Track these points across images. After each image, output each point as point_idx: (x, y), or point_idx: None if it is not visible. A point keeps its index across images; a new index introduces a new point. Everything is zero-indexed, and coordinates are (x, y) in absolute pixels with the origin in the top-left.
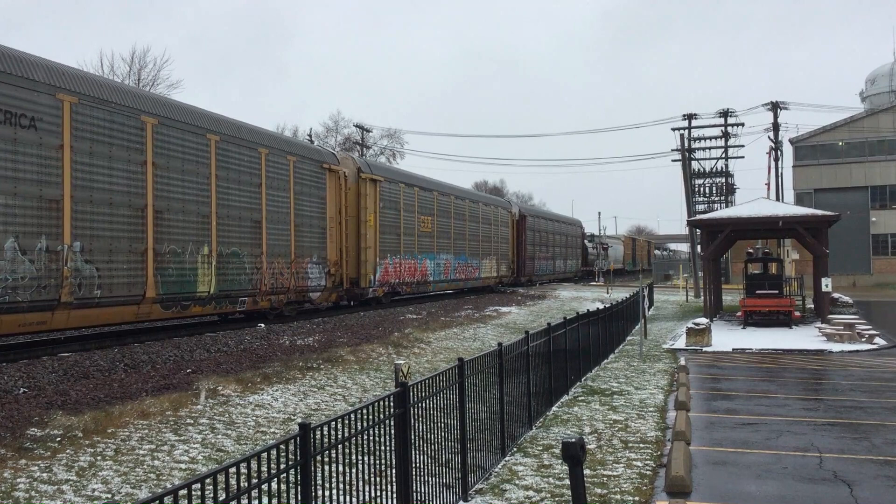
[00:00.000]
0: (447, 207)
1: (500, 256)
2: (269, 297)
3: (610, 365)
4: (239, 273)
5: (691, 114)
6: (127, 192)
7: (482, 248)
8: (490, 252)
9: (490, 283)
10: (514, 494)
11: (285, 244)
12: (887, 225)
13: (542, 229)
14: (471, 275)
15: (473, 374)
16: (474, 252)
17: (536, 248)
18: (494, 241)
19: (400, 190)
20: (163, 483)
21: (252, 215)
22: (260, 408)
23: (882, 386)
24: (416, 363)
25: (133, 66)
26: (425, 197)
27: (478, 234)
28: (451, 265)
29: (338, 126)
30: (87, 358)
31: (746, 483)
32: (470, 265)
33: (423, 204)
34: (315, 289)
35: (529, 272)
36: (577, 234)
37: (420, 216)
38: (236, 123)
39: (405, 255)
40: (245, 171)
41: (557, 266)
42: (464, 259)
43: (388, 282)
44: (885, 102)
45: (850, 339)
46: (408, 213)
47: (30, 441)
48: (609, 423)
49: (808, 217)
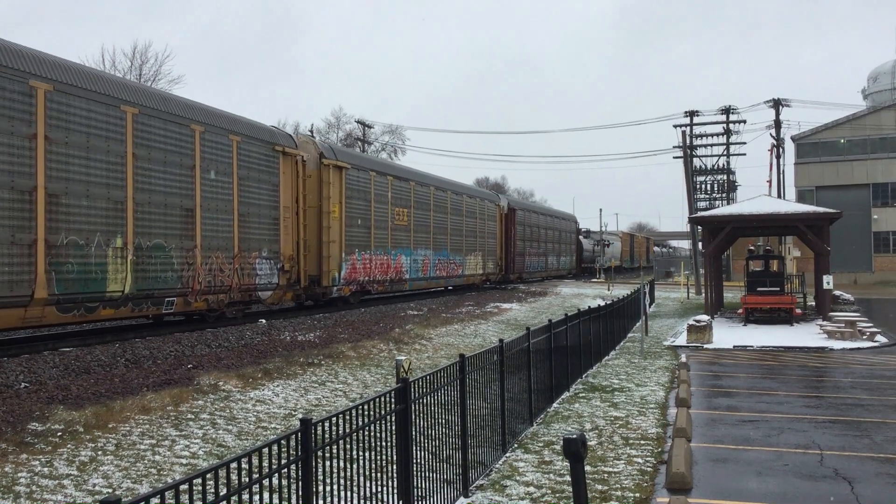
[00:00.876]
0: (426, 199)
1: (486, 253)
2: (205, 296)
3: (611, 362)
4: (164, 269)
5: (693, 111)
6: (9, 170)
7: (466, 244)
8: (475, 248)
9: (475, 282)
10: (514, 490)
11: (226, 236)
12: (889, 222)
13: (533, 224)
14: (453, 272)
15: (474, 370)
16: (457, 248)
17: (527, 243)
18: (480, 237)
19: (370, 179)
20: (164, 478)
21: (183, 202)
22: (261, 403)
23: (883, 383)
24: (417, 359)
25: (134, 62)
26: (400, 187)
27: (461, 228)
28: (430, 262)
29: (339, 122)
30: (89, 353)
31: (747, 480)
32: (452, 262)
33: (399, 195)
34: (265, 287)
35: (519, 269)
36: (572, 229)
37: (395, 208)
38: (163, 95)
39: (377, 250)
40: (173, 150)
41: (550, 263)
42: (445, 255)
43: (357, 280)
44: (887, 100)
45: (851, 337)
46: (380, 205)
47: (31, 436)
48: (610, 420)
49: (810, 214)
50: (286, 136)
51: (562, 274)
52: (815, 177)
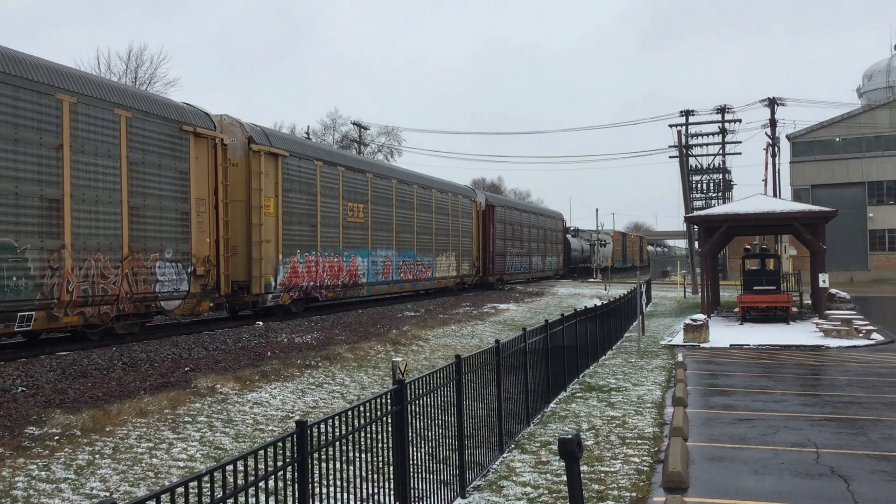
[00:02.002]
0: (387, 193)
1: (461, 253)
2: (79, 309)
3: (608, 361)
4: (12, 276)
5: (688, 110)
6: None
7: (437, 244)
8: (447, 248)
9: (448, 285)
10: (511, 491)
11: (111, 234)
12: (884, 220)
13: (515, 222)
14: (421, 275)
15: (471, 371)
16: (426, 248)
17: (508, 243)
18: (453, 235)
19: (316, 169)
20: (161, 481)
21: (43, 191)
22: (258, 405)
23: (879, 381)
24: (413, 360)
25: (130, 64)
26: (355, 179)
27: (430, 226)
28: (392, 263)
29: (335, 123)
30: (86, 356)
31: (744, 479)
32: (420, 263)
33: (353, 188)
34: (170, 295)
35: (499, 271)
36: (558, 227)
37: (348, 203)
38: (13, 55)
39: (325, 251)
40: (28, 125)
41: (535, 263)
42: (411, 256)
43: (299, 285)
44: (881, 98)
45: (847, 335)
46: (329, 199)
47: (28, 440)
48: (607, 420)
49: (806, 213)
50: (200, 115)
51: (548, 275)
52: (810, 175)
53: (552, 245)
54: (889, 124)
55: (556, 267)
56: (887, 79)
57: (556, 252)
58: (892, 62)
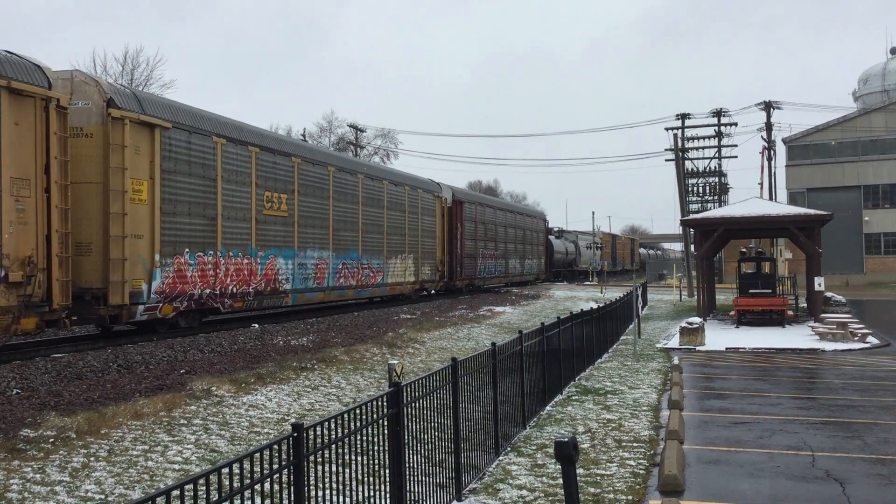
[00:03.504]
0: (321, 183)
1: (421, 255)
2: None
3: (604, 364)
4: None
5: (685, 113)
6: None
7: (391, 244)
8: (402, 249)
9: (405, 291)
10: (507, 494)
11: None
12: (880, 224)
13: (489, 220)
14: (368, 280)
15: (467, 373)
16: (374, 249)
17: (480, 244)
18: (411, 235)
19: (216, 147)
20: (156, 484)
21: None
22: (254, 408)
23: (874, 385)
24: (410, 363)
25: (126, 67)
26: (275, 164)
27: (381, 223)
28: (328, 266)
29: (332, 126)
30: (81, 359)
31: (739, 482)
32: (366, 267)
33: (272, 174)
34: None
35: (469, 275)
36: (539, 228)
37: (266, 192)
38: None
39: (229, 250)
40: None
41: (512, 267)
42: (355, 258)
43: (188, 293)
44: (877, 102)
45: (842, 338)
46: (236, 186)
47: (23, 442)
48: (603, 423)
49: (801, 216)
50: (23, 67)
51: (527, 279)
52: (806, 179)
53: (532, 247)
54: (885, 128)
55: (537, 270)
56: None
57: (537, 254)
58: (888, 66)
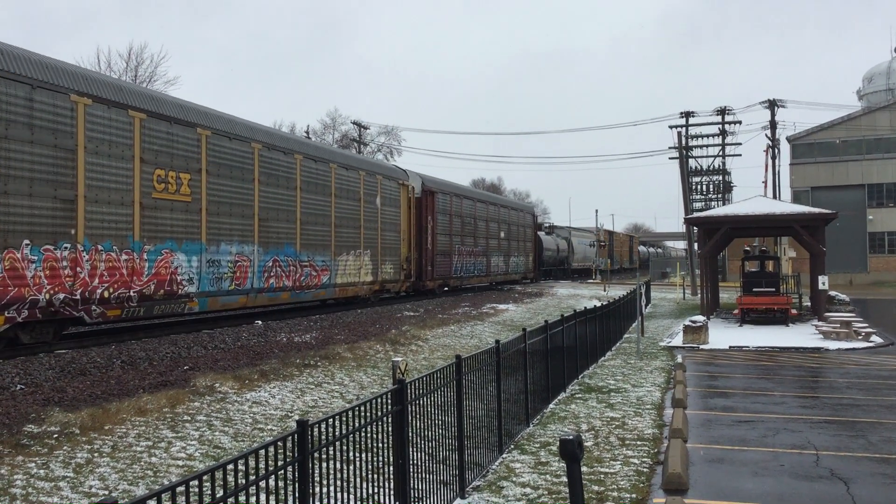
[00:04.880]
0: (242, 162)
1: (382, 251)
2: None
3: (607, 362)
4: None
5: (689, 112)
6: None
7: (340, 238)
8: (357, 244)
9: (360, 293)
10: (511, 492)
11: None
12: (884, 223)
13: (467, 214)
14: (310, 280)
15: (471, 371)
16: (318, 243)
17: (455, 239)
18: (369, 228)
19: (76, 109)
20: (160, 480)
21: None
22: (257, 405)
23: (879, 384)
24: (413, 360)
25: (130, 63)
26: (172, 136)
27: (327, 213)
28: (252, 264)
29: (335, 123)
30: (84, 355)
31: (743, 480)
32: (307, 264)
33: (167, 148)
34: None
35: (442, 274)
36: (527, 223)
37: (156, 170)
38: None
39: (97, 242)
40: None
41: (494, 265)
42: (291, 254)
43: (29, 299)
44: (882, 100)
45: (846, 337)
46: (108, 161)
47: (27, 438)
48: (606, 421)
49: (806, 215)
50: None
51: (513, 278)
52: (810, 177)
53: (518, 243)
54: (889, 127)
55: (524, 269)
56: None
57: (524, 251)
58: (893, 65)
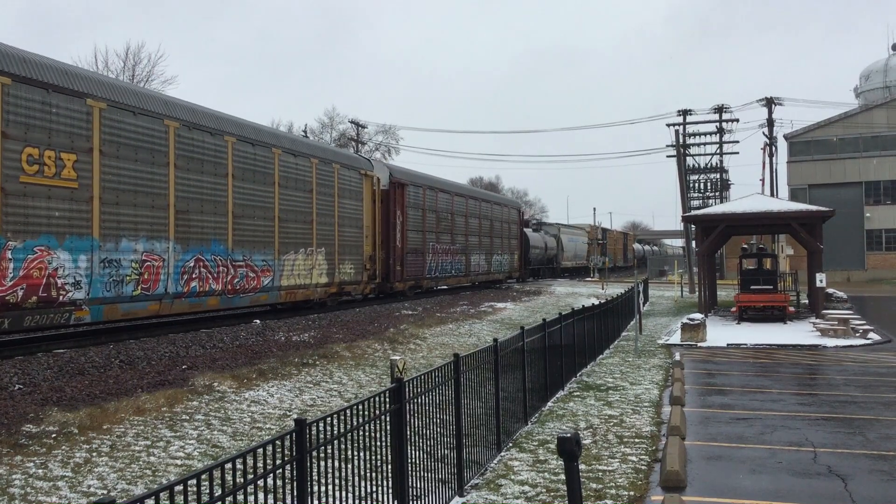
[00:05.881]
0: (154, 143)
1: (339, 249)
2: None
3: (605, 360)
4: None
5: (686, 110)
6: None
7: (287, 234)
8: (308, 241)
9: (312, 296)
10: (509, 489)
11: None
12: (881, 220)
13: (443, 209)
14: (246, 283)
15: (469, 369)
16: (257, 239)
17: (430, 236)
18: (324, 223)
19: None
20: (159, 479)
21: None
22: (256, 404)
23: (876, 381)
24: (411, 359)
25: (127, 63)
26: (46, 106)
27: (269, 205)
28: (166, 264)
29: (333, 122)
30: (83, 354)
31: (741, 478)
32: (242, 264)
33: (41, 122)
34: None
35: (415, 274)
36: (512, 219)
37: (26, 148)
38: None
39: None
40: None
41: (474, 264)
42: (220, 252)
43: None
44: (879, 98)
45: (844, 335)
46: None
47: (25, 437)
48: (604, 419)
49: (803, 213)
50: None
51: (496, 278)
52: (807, 175)
53: (502, 240)
54: (886, 124)
55: (509, 268)
56: (884, 79)
57: (509, 249)
58: (890, 62)
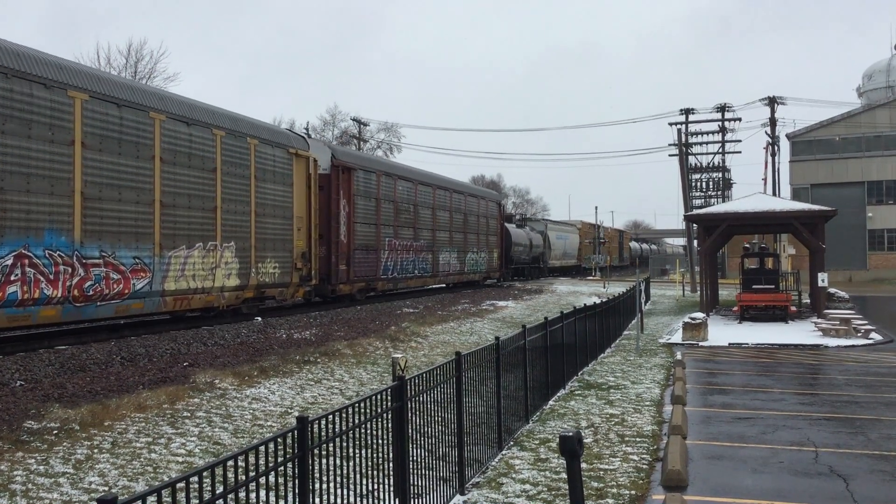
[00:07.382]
0: None
1: (257, 244)
2: None
3: (607, 359)
4: None
5: (688, 109)
6: None
7: (171, 223)
8: (209, 233)
9: (216, 303)
10: (510, 488)
11: None
12: (883, 220)
13: (403, 199)
14: (105, 287)
15: (470, 368)
16: (125, 229)
17: (385, 230)
18: (234, 211)
19: None
20: (160, 476)
21: None
22: (257, 401)
23: (877, 381)
24: (413, 357)
25: (129, 59)
26: None
27: (145, 187)
28: None
29: (335, 119)
30: (84, 351)
31: (743, 477)
32: (98, 264)
33: None
34: None
35: (366, 274)
36: (491, 213)
37: None
38: None
39: None
40: None
41: (444, 263)
42: (61, 245)
43: None
44: (881, 98)
45: (846, 335)
46: None
47: (27, 434)
48: (606, 418)
49: (805, 212)
50: None
51: (472, 278)
52: (810, 175)
53: (478, 236)
54: (889, 124)
55: (486, 267)
56: (887, 78)
57: (487, 246)
58: (893, 62)
